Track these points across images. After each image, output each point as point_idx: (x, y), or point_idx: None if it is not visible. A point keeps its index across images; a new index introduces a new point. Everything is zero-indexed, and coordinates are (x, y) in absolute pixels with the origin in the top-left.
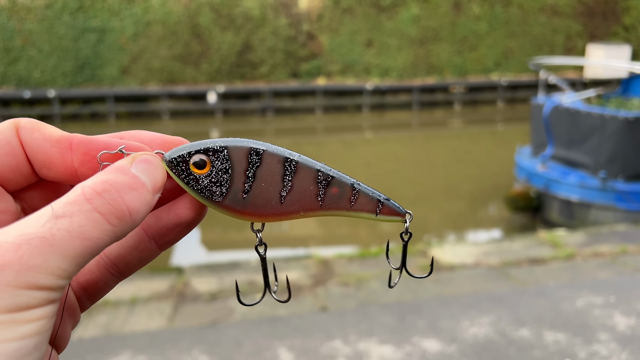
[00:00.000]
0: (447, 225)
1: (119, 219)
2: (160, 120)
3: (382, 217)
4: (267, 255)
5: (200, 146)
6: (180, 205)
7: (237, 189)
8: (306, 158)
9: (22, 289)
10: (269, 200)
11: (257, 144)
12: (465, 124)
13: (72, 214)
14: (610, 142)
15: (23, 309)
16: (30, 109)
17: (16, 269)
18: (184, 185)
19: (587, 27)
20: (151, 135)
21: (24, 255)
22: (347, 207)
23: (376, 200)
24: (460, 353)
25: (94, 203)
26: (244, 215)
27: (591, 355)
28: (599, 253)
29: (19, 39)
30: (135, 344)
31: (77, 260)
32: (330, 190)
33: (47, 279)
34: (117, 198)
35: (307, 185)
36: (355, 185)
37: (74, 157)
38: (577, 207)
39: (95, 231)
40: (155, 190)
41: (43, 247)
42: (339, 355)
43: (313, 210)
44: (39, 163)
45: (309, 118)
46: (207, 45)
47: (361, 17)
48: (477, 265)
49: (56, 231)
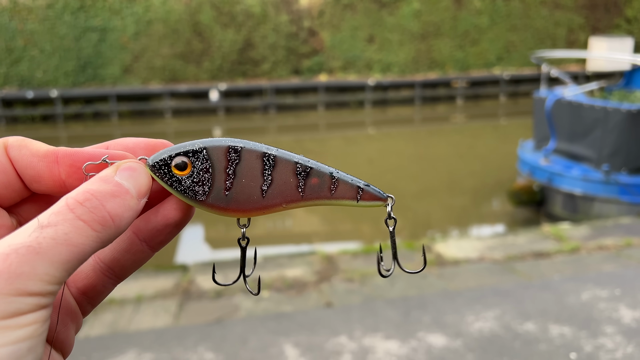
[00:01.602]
0: (451, 220)
1: (102, 225)
2: (162, 118)
3: (364, 203)
4: (272, 252)
5: (180, 149)
6: (167, 206)
7: (219, 187)
8: (284, 151)
9: (13, 296)
10: (250, 195)
11: (234, 142)
12: (467, 119)
13: (57, 223)
14: (613, 135)
15: (14, 315)
16: (33, 109)
17: (5, 278)
18: (168, 187)
19: (589, 20)
20: (135, 140)
21: (12, 264)
22: (327, 196)
23: (356, 187)
24: (465, 347)
25: (77, 212)
26: (228, 211)
27: (597, 348)
28: (604, 246)
29: (20, 39)
30: (141, 341)
31: (65, 265)
32: (310, 181)
33: (36, 285)
34: (99, 205)
35: (286, 177)
36: (334, 173)
37: (60, 170)
38: (581, 200)
39: (79, 237)
40: (140, 195)
41: (30, 255)
42: (344, 351)
43: (295, 202)
44: (29, 178)
45: (311, 115)
46: (208, 43)
47: (362, 12)
48: (482, 259)
49: (42, 239)
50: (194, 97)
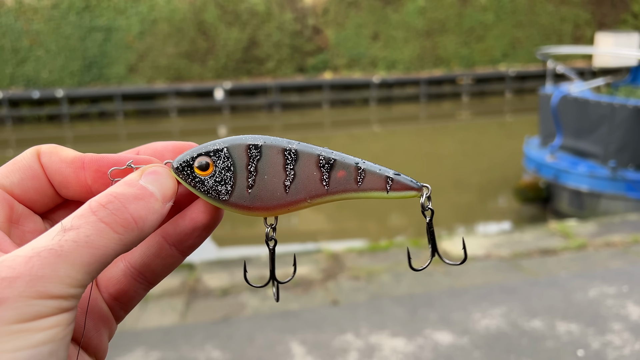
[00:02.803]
0: (457, 217)
1: (124, 227)
2: (168, 117)
3: (395, 194)
4: (278, 250)
5: (202, 149)
6: (194, 210)
7: (241, 185)
8: (305, 144)
9: (34, 299)
10: (274, 192)
11: (254, 138)
12: (473, 116)
13: (79, 226)
14: (619, 131)
15: (35, 318)
16: (39, 109)
17: (26, 280)
18: (192, 189)
19: (595, 15)
20: (164, 144)
21: (34, 267)
22: (354, 188)
23: (384, 176)
24: (472, 345)
25: (99, 214)
26: (252, 210)
27: (604, 345)
28: (611, 243)
29: (26, 39)
30: (149, 340)
31: (87, 268)
32: (335, 173)
33: (58, 288)
34: (121, 208)
35: (310, 171)
36: (359, 164)
37: (86, 176)
38: (587, 197)
39: (101, 240)
40: (165, 199)
41: (51, 257)
42: (351, 349)
43: (320, 196)
44: (58, 184)
45: (316, 113)
46: (213, 42)
47: (367, 10)
48: (488, 257)
49: (64, 242)
50: (199, 96)
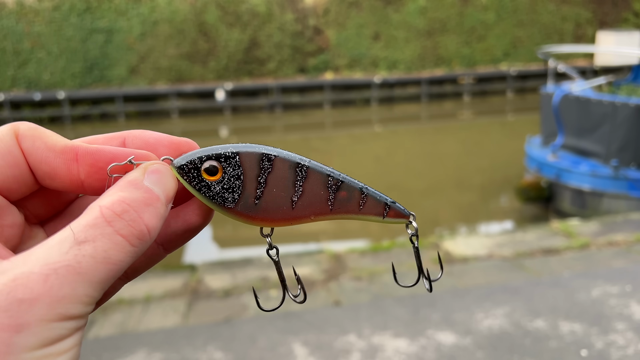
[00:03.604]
0: (459, 217)
1: (139, 239)
2: (169, 119)
3: (389, 220)
4: (280, 251)
5: (212, 152)
6: (188, 211)
7: (249, 195)
8: (316, 163)
9: (55, 322)
10: (280, 206)
11: (268, 150)
12: (474, 115)
13: (95, 238)
14: (621, 129)
15: (56, 341)
16: (41, 110)
17: (47, 302)
18: (195, 192)
19: (596, 14)
20: (157, 136)
21: (53, 287)
22: (355, 211)
23: (383, 203)
24: (475, 345)
25: (115, 226)
26: (255, 220)
27: (608, 345)
28: (614, 242)
29: (27, 41)
30: (151, 341)
31: (103, 285)
32: (340, 195)
33: (77, 308)
34: (137, 219)
35: (317, 190)
36: (364, 189)
37: (80, 169)
38: (589, 196)
39: (119, 255)
40: (167, 200)
41: (70, 275)
42: (353, 350)
43: (323, 215)
44: (42, 174)
45: (317, 113)
46: (214, 43)
47: (367, 10)
48: (490, 256)
49: (81, 258)
50: (201, 97)
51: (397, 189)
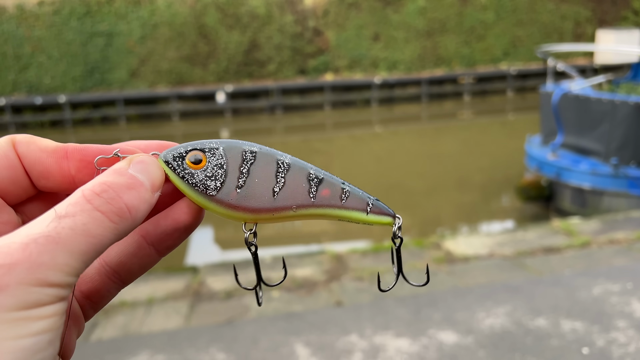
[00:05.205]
0: (460, 217)
1: (119, 216)
2: (170, 121)
3: (373, 217)
4: (281, 252)
5: (197, 145)
6: (177, 210)
7: (231, 184)
8: (298, 160)
9: (33, 286)
10: (262, 195)
11: (251, 145)
12: (475, 115)
13: (75, 214)
14: (621, 128)
15: (35, 306)
16: (42, 115)
17: (26, 267)
18: (178, 180)
19: (596, 13)
20: (147, 143)
21: (32, 254)
22: (338, 204)
23: (366, 200)
24: (477, 344)
25: (94, 203)
26: (237, 210)
27: (609, 343)
28: (615, 240)
29: (28, 46)
30: (153, 343)
31: (83, 257)
32: (322, 188)
33: (56, 276)
34: (116, 197)
35: (299, 182)
36: (345, 185)
37: (70, 165)
38: (590, 194)
39: (98, 228)
40: (154, 188)
41: (49, 244)
42: (355, 350)
43: (305, 207)
44: (37, 174)
45: (317, 114)
46: (214, 45)
47: (367, 11)
48: (492, 255)
49: (61, 229)
50: (201, 100)
51: (398, 189)
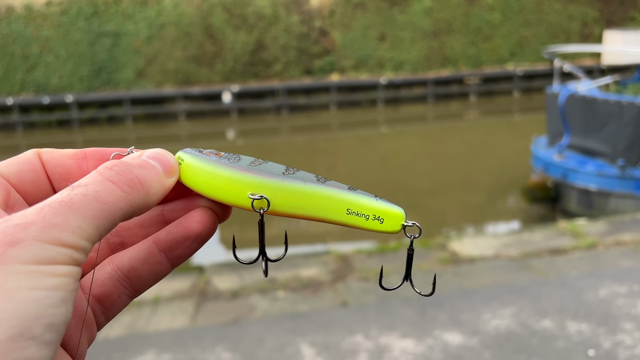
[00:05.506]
0: (466, 217)
1: (130, 186)
2: (176, 121)
3: (382, 203)
4: (288, 253)
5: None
6: (189, 218)
7: (245, 162)
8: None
9: (47, 244)
10: (273, 170)
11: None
12: (481, 116)
13: (87, 184)
14: (628, 129)
15: (49, 262)
16: (50, 114)
17: (40, 226)
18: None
19: (603, 13)
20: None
21: (46, 215)
22: (346, 189)
23: (372, 195)
24: (482, 345)
25: (106, 174)
26: (248, 172)
27: (616, 345)
28: (622, 242)
29: (36, 45)
30: (160, 342)
31: (95, 222)
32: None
33: (69, 237)
34: (127, 170)
35: (309, 174)
36: (352, 188)
37: (89, 164)
38: (596, 196)
39: (110, 196)
40: (167, 172)
41: (62, 208)
42: (360, 350)
43: (314, 184)
44: (58, 176)
45: (323, 114)
46: (220, 45)
47: (373, 11)
48: (497, 257)
49: (73, 195)
50: (207, 100)
51: (403, 190)
